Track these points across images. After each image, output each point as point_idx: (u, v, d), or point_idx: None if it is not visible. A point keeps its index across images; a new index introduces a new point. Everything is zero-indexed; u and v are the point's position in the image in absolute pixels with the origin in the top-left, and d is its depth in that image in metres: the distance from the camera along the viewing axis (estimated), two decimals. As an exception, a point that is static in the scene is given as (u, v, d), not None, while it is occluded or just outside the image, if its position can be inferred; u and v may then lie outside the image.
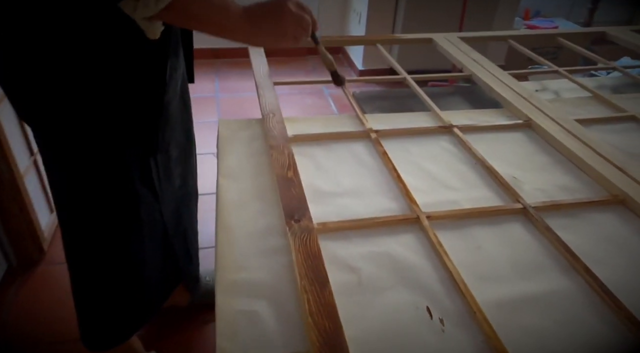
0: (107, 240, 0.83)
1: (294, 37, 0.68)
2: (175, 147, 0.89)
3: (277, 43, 0.68)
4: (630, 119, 0.91)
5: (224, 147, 0.76)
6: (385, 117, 0.89)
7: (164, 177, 0.84)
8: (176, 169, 0.91)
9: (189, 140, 0.98)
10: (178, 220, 0.96)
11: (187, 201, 1.02)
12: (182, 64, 0.88)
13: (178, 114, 0.89)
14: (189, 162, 1.00)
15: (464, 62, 1.09)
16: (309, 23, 0.69)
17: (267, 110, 0.84)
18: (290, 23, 0.66)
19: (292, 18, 0.66)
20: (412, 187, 0.68)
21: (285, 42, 0.68)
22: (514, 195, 0.67)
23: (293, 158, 0.71)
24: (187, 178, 0.99)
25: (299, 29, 0.67)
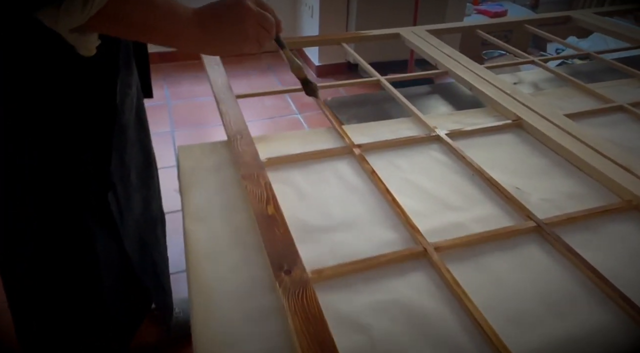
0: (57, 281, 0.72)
1: (256, 40, 0.58)
2: (135, 170, 0.78)
3: (237, 49, 0.58)
4: (618, 109, 0.87)
5: (188, 182, 0.65)
6: (366, 128, 0.80)
7: (124, 207, 0.73)
8: (136, 195, 0.80)
9: (148, 161, 0.87)
10: (144, 250, 0.85)
11: (152, 228, 0.91)
12: (136, 78, 0.77)
13: (135, 135, 0.78)
14: (150, 185, 0.89)
15: (437, 57, 1.02)
16: (272, 23, 0.59)
17: (233, 131, 0.73)
18: (251, 24, 0.56)
19: (253, 18, 0.56)
20: (411, 210, 0.60)
21: (246, 48, 0.58)
22: (523, 210, 0.60)
23: (271, 189, 0.61)
24: (150, 203, 0.88)
25: (261, 31, 0.58)
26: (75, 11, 0.46)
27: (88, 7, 0.46)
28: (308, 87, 0.73)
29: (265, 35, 0.58)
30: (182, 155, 0.70)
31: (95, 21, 0.48)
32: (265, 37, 0.59)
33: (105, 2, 0.47)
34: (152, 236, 0.91)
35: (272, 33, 0.60)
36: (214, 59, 0.96)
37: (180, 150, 0.72)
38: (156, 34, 0.53)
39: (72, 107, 0.61)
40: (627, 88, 0.96)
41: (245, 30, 0.56)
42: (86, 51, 0.53)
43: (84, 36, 0.52)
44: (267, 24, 0.58)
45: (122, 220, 0.74)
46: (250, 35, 0.57)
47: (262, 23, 0.57)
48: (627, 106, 0.86)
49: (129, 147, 0.75)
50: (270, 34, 0.59)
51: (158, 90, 2.62)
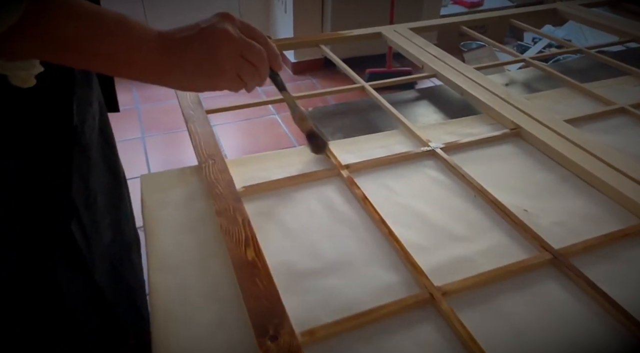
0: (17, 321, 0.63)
1: (236, 76, 0.46)
2: (102, 193, 0.69)
3: (210, 84, 0.46)
4: (620, 112, 0.81)
5: (152, 220, 0.56)
6: (352, 144, 0.72)
7: (92, 235, 0.65)
8: (105, 220, 0.71)
9: (117, 181, 0.78)
10: (117, 278, 0.77)
11: (126, 253, 0.82)
12: (98, 92, 0.68)
13: (100, 154, 0.69)
14: (121, 207, 0.80)
15: (423, 59, 0.95)
16: (261, 55, 0.47)
17: (205, 155, 0.64)
18: (228, 54, 0.45)
19: (232, 46, 0.45)
20: (410, 244, 0.53)
21: (222, 84, 0.47)
22: (535, 239, 0.53)
23: (250, 227, 0.53)
24: (121, 227, 0.79)
25: (244, 65, 0.46)
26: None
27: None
28: (314, 143, 0.62)
29: (249, 70, 0.47)
30: (145, 187, 0.61)
31: (9, 42, 0.36)
32: (250, 73, 0.47)
33: (19, 14, 0.35)
34: (127, 262, 0.83)
35: (262, 69, 0.48)
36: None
37: (143, 181, 0.63)
38: (99, 60, 0.41)
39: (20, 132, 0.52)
40: (626, 87, 0.90)
41: (220, 62, 0.45)
42: (20, 82, 0.42)
43: (14, 63, 0.41)
44: (253, 55, 0.46)
45: (90, 249, 0.65)
46: (227, 69, 0.45)
47: (245, 54, 0.46)
48: (629, 108, 0.80)
49: (94, 169, 0.67)
50: (257, 70, 0.47)
51: (126, 94, 2.49)
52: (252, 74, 0.47)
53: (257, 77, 0.48)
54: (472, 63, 0.95)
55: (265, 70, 0.48)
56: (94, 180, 0.66)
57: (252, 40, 0.46)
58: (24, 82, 0.43)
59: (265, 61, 0.48)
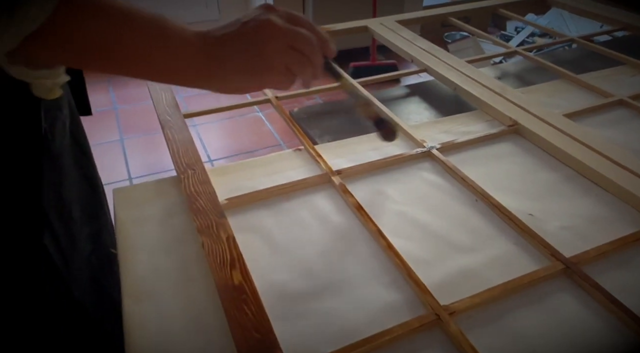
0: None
1: (286, 69, 0.41)
2: (78, 204, 0.64)
3: (258, 83, 0.42)
4: (618, 104, 0.78)
5: (127, 240, 0.51)
6: (342, 146, 0.68)
7: (68, 248, 0.59)
8: (83, 232, 0.66)
9: (94, 190, 0.72)
10: (100, 293, 0.71)
11: (107, 265, 0.76)
12: (68, 95, 0.62)
13: (73, 162, 0.64)
14: (100, 217, 0.74)
15: (412, 53, 0.90)
16: (312, 43, 0.42)
17: (183, 165, 0.59)
18: (277, 47, 0.40)
19: (281, 37, 0.40)
20: (411, 257, 0.48)
21: (272, 80, 0.42)
22: (544, 246, 0.50)
23: (235, 245, 0.48)
24: (101, 238, 0.74)
25: (295, 56, 0.41)
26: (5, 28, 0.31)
27: (16, 22, 0.30)
28: (383, 129, 0.57)
29: (301, 61, 0.42)
30: (118, 202, 0.56)
31: (36, 45, 0.32)
32: (302, 65, 0.42)
33: (47, 14, 0.31)
34: (109, 275, 0.77)
35: (314, 58, 0.42)
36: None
37: (116, 196, 0.57)
38: (135, 66, 0.37)
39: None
40: (621, 77, 0.87)
41: (267, 56, 0.40)
42: (43, 92, 0.38)
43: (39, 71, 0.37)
44: (302, 44, 0.41)
45: (67, 263, 0.60)
46: (276, 62, 0.41)
47: (294, 44, 0.41)
48: (628, 100, 0.77)
49: (66, 178, 0.61)
50: (309, 59, 0.42)
51: (103, 95, 2.40)
52: (304, 64, 0.42)
53: (309, 67, 0.43)
54: (457, 54, 0.91)
55: (318, 58, 0.43)
56: (68, 190, 0.61)
57: (298, 28, 0.41)
58: (49, 92, 0.39)
59: (317, 48, 0.42)
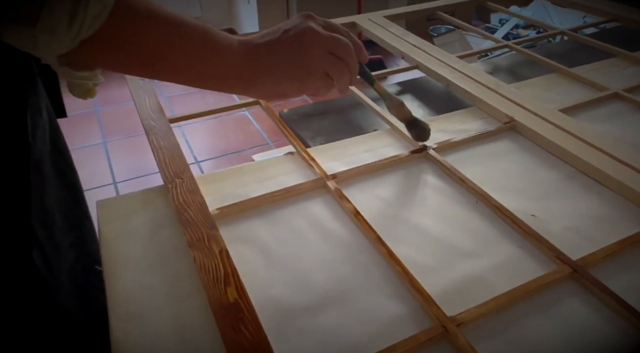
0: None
1: (324, 75, 0.44)
2: (60, 211, 0.61)
3: (298, 89, 0.44)
4: (614, 97, 0.77)
5: (111, 256, 0.48)
6: (336, 148, 0.65)
7: (53, 257, 0.57)
8: (66, 240, 0.63)
9: (75, 196, 0.69)
10: (86, 301, 0.69)
11: (91, 273, 0.73)
12: (45, 96, 0.60)
13: (53, 168, 0.61)
14: (83, 224, 0.71)
15: (403, 49, 0.88)
16: (350, 49, 0.44)
17: (170, 174, 0.56)
18: (317, 53, 0.42)
19: (321, 44, 0.42)
20: (413, 264, 0.46)
21: (310, 86, 0.44)
22: (549, 249, 0.48)
23: (229, 259, 0.45)
24: (85, 245, 0.71)
25: (333, 61, 0.43)
26: (58, 29, 0.32)
27: (76, 24, 0.32)
28: (416, 130, 0.61)
29: (340, 67, 0.44)
30: (102, 216, 0.53)
31: (91, 48, 0.34)
32: (340, 70, 0.44)
33: (104, 18, 0.33)
34: (96, 282, 0.74)
35: (351, 63, 0.45)
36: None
37: (100, 208, 0.54)
38: (183, 72, 0.39)
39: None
40: (614, 70, 0.86)
41: (309, 62, 0.42)
42: (82, 93, 0.40)
43: (80, 72, 0.38)
44: (341, 50, 0.43)
45: (52, 273, 0.57)
46: (317, 69, 0.43)
47: (333, 50, 0.43)
48: (623, 93, 0.76)
49: (48, 186, 0.58)
50: (347, 65, 0.44)
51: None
52: (342, 70, 0.44)
53: (347, 72, 0.45)
54: (443, 48, 0.90)
55: (355, 64, 0.45)
56: (50, 198, 0.59)
57: (336, 34, 0.44)
58: (87, 93, 0.40)
59: (354, 55, 0.45)
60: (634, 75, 0.83)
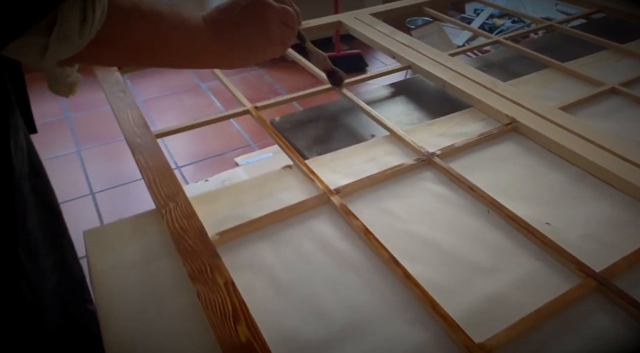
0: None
1: (281, 43, 0.51)
2: (40, 232, 0.57)
3: (261, 56, 0.50)
4: (611, 92, 0.75)
5: (104, 292, 0.44)
6: (335, 159, 0.62)
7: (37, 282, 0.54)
8: (48, 262, 0.59)
9: (52, 213, 0.65)
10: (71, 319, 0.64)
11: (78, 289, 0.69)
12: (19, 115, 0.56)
13: (30, 187, 0.57)
14: (62, 243, 0.67)
15: (393, 49, 0.85)
16: (295, 18, 0.51)
17: (163, 198, 0.52)
18: (275, 25, 0.49)
19: (276, 16, 0.49)
20: (430, 284, 0.44)
21: (270, 52, 0.50)
22: (571, 260, 0.46)
23: (237, 292, 0.42)
24: (67, 264, 0.66)
25: (286, 30, 0.50)
26: (72, 36, 0.34)
27: (87, 28, 0.34)
28: (334, 77, 0.71)
29: (289, 33, 0.51)
30: (91, 247, 0.48)
31: (92, 47, 0.36)
32: (289, 36, 0.51)
33: (104, 18, 0.36)
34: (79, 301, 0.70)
35: (296, 30, 0.52)
36: (116, 82, 0.72)
37: (88, 238, 0.50)
38: (167, 55, 0.43)
39: None
40: (607, 63, 0.85)
41: (269, 33, 0.49)
42: (66, 90, 0.43)
43: (63, 70, 0.41)
44: (290, 20, 0.50)
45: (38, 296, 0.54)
46: (276, 38, 0.50)
47: (285, 20, 0.50)
48: (620, 88, 0.75)
49: (28, 208, 0.54)
50: (294, 31, 0.52)
51: (52, 103, 2.24)
52: (290, 35, 0.51)
53: (293, 36, 0.53)
54: (421, 41, 0.87)
55: (297, 29, 0.53)
56: (31, 222, 0.54)
57: (285, 6, 0.50)
58: (70, 90, 0.43)
59: (297, 22, 0.52)
60: (628, 68, 0.82)
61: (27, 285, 0.51)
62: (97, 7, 0.34)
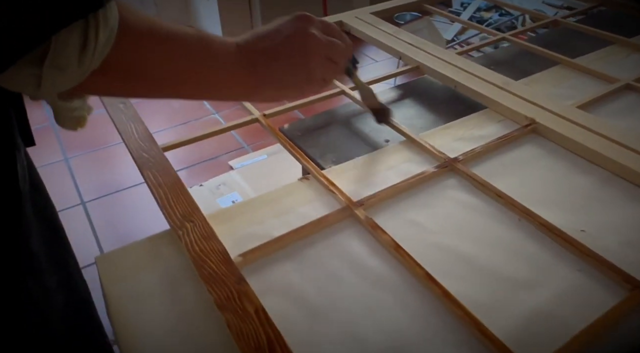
0: None
1: (322, 80, 0.44)
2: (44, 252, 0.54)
3: (297, 94, 0.44)
4: (625, 89, 0.74)
5: (124, 323, 0.41)
6: (353, 168, 0.59)
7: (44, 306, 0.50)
8: (53, 282, 0.55)
9: (55, 231, 0.61)
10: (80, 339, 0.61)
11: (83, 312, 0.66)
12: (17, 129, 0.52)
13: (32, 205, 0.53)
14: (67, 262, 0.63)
15: (400, 49, 0.83)
16: (344, 53, 0.45)
17: (178, 218, 0.49)
18: (318, 60, 0.42)
19: (321, 50, 0.42)
20: (469, 302, 0.41)
21: (309, 91, 0.44)
22: (613, 271, 0.44)
23: (269, 320, 0.39)
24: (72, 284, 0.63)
25: (330, 66, 0.44)
26: (69, 65, 0.29)
27: (88, 56, 0.29)
28: (381, 115, 0.64)
29: (333, 71, 0.45)
30: (105, 275, 0.45)
31: (97, 77, 0.31)
32: (333, 74, 0.45)
33: (112, 42, 0.30)
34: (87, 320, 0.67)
35: (342, 67, 0.46)
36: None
37: (100, 265, 0.46)
38: (189, 86, 0.38)
39: None
40: (616, 58, 0.84)
41: (310, 69, 0.42)
42: (73, 124, 0.37)
43: (71, 103, 0.35)
44: (336, 55, 0.44)
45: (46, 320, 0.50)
46: (317, 75, 0.43)
47: (330, 55, 0.43)
48: (634, 83, 0.74)
49: (30, 227, 0.51)
50: (339, 69, 0.46)
51: (35, 110, 2.17)
52: (335, 72, 0.46)
53: (338, 73, 0.47)
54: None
55: (344, 64, 0.47)
56: (34, 241, 0.51)
57: (334, 39, 0.44)
58: (78, 123, 0.38)
59: (345, 57, 0.46)
60: (638, 63, 0.81)
61: (33, 309, 0.48)
62: (101, 31, 0.29)
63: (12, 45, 0.26)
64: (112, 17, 0.29)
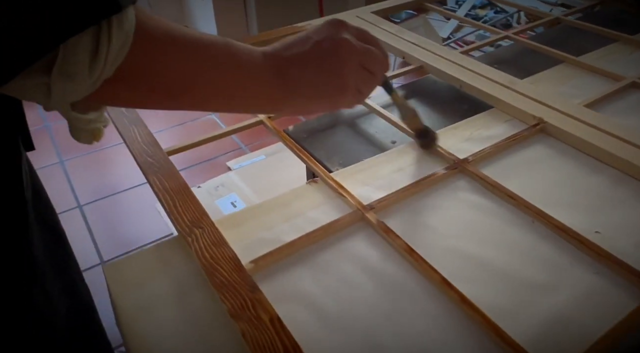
0: None
1: (357, 91, 0.40)
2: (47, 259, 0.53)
3: (331, 106, 0.42)
4: (631, 87, 0.74)
5: (134, 333, 0.40)
6: (361, 171, 0.58)
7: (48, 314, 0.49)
8: (56, 288, 0.54)
9: (57, 237, 0.60)
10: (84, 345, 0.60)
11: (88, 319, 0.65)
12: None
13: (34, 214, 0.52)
14: (70, 267, 0.62)
15: (403, 49, 0.82)
16: (381, 62, 0.41)
17: (187, 224, 0.47)
18: (352, 68, 0.38)
19: (355, 56, 0.38)
20: (487, 307, 0.41)
21: (343, 103, 0.41)
22: (632, 273, 0.43)
23: (285, 329, 0.38)
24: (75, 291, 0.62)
25: (365, 75, 0.40)
26: (79, 73, 0.27)
27: (100, 63, 0.27)
28: (425, 138, 0.59)
29: (370, 81, 0.41)
30: (113, 284, 0.44)
31: (112, 86, 0.29)
32: (369, 84, 0.41)
33: (127, 49, 0.28)
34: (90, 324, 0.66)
35: (379, 75, 0.42)
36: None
37: (109, 274, 0.45)
38: (209, 97, 0.35)
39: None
40: (620, 56, 0.84)
41: (344, 77, 0.38)
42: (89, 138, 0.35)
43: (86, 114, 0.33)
44: (372, 64, 0.40)
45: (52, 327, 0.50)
46: (351, 85, 0.39)
47: (366, 63, 0.40)
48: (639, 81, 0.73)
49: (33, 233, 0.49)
50: (376, 79, 0.42)
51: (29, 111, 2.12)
52: (371, 83, 0.42)
53: (375, 85, 0.43)
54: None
55: (381, 75, 0.43)
56: (36, 248, 0.50)
57: (369, 46, 0.40)
58: (94, 137, 0.35)
59: (382, 66, 0.42)
60: (642, 60, 0.81)
61: (37, 315, 0.47)
62: (114, 36, 0.27)
63: (16, 54, 0.25)
64: (128, 20, 0.27)
